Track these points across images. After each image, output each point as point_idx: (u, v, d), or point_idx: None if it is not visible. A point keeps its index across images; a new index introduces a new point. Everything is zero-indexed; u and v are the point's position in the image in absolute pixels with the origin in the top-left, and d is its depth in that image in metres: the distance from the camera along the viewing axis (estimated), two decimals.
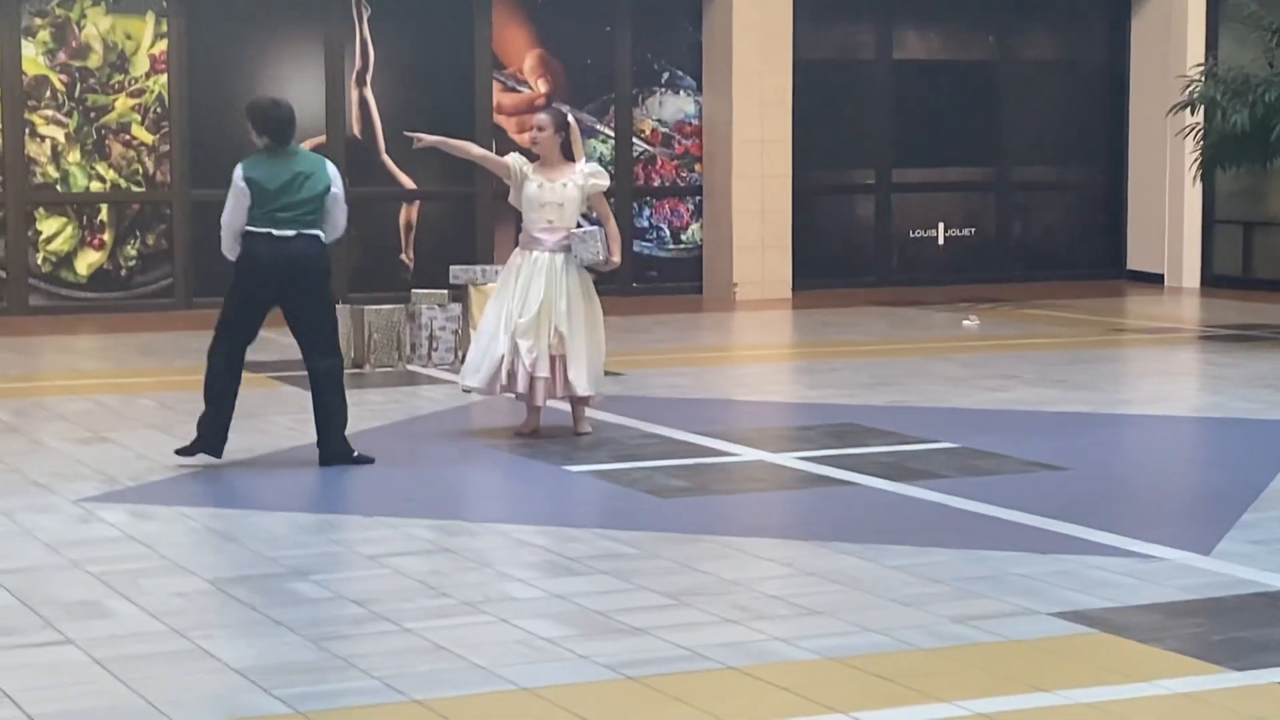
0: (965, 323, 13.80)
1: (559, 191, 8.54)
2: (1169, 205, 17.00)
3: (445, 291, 11.68)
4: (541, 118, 8.68)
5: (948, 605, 5.51)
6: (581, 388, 8.53)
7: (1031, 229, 17.74)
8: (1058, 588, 5.72)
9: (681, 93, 16.41)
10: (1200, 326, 13.84)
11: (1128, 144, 17.55)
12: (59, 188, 14.66)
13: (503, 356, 8.47)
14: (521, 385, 8.49)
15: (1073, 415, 9.42)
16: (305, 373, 10.86)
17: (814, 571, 5.97)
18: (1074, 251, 17.81)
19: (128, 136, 14.80)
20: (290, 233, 7.89)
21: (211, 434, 7.94)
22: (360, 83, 15.46)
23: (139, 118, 14.82)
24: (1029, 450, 8.22)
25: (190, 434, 8.75)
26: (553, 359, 8.50)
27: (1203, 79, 14.02)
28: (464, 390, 8.81)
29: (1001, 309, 14.97)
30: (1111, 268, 17.71)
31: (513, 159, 8.72)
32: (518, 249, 8.67)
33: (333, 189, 8.00)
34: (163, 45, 14.85)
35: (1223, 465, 8.22)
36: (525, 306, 8.47)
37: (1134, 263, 17.55)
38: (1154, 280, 17.15)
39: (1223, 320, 14.02)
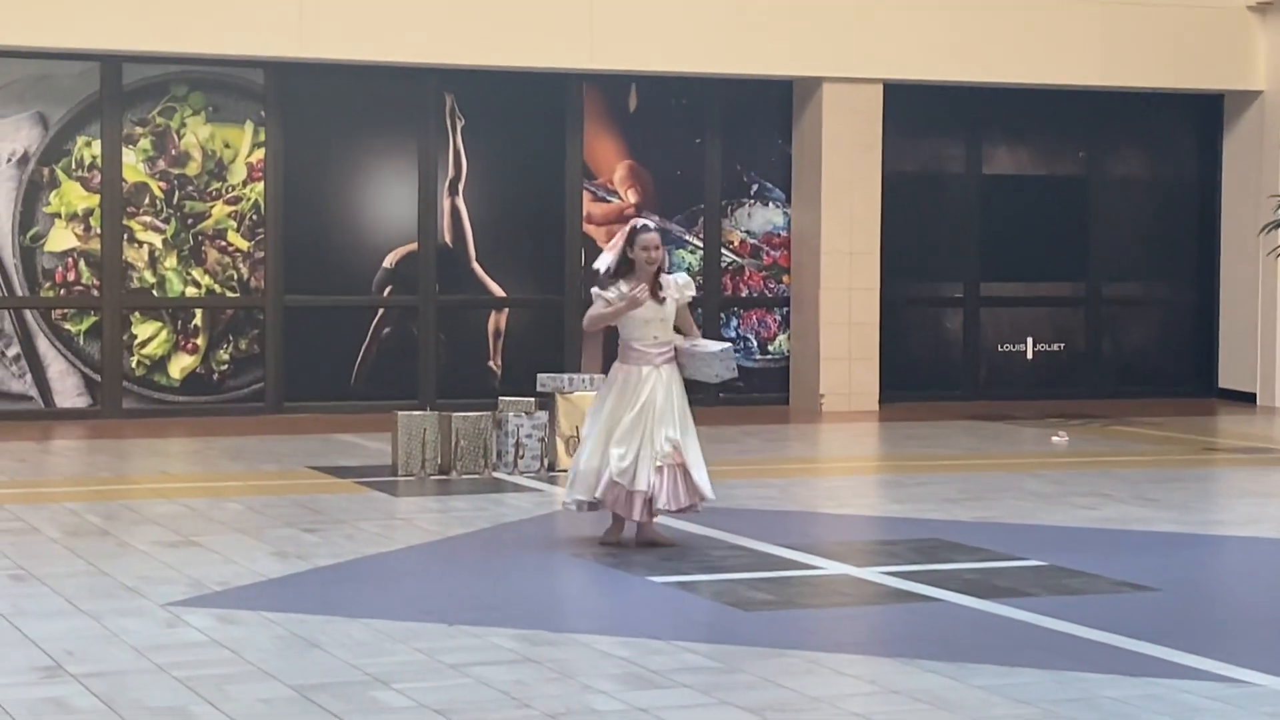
0: (1054, 439, 13.69)
1: (659, 309, 8.56)
2: (1261, 324, 16.85)
3: (532, 399, 11.72)
4: (656, 236, 8.60)
5: None
6: (707, 490, 8.54)
7: (1121, 345, 17.63)
8: (1148, 712, 5.63)
9: (770, 204, 16.48)
10: None
11: (1219, 261, 17.43)
12: (155, 292, 14.88)
13: (596, 469, 8.50)
14: (611, 499, 8.45)
15: (1164, 535, 9.30)
16: (394, 479, 10.97)
17: (899, 689, 5.91)
18: (1164, 369, 17.66)
19: (223, 243, 15.02)
20: None
21: None
22: (452, 191, 15.63)
23: (235, 224, 15.04)
24: (1119, 570, 8.12)
25: (278, 539, 8.81)
26: (672, 468, 8.47)
27: None
28: (563, 506, 8.79)
29: (1091, 425, 14.85)
30: (1203, 386, 17.55)
31: (612, 294, 8.56)
32: (619, 364, 8.60)
33: None
34: (260, 154, 15.09)
35: None
36: (625, 418, 8.46)
37: (1226, 381, 17.37)
38: (1246, 399, 16.97)
39: None
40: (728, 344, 8.81)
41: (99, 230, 14.71)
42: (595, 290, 8.67)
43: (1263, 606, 7.71)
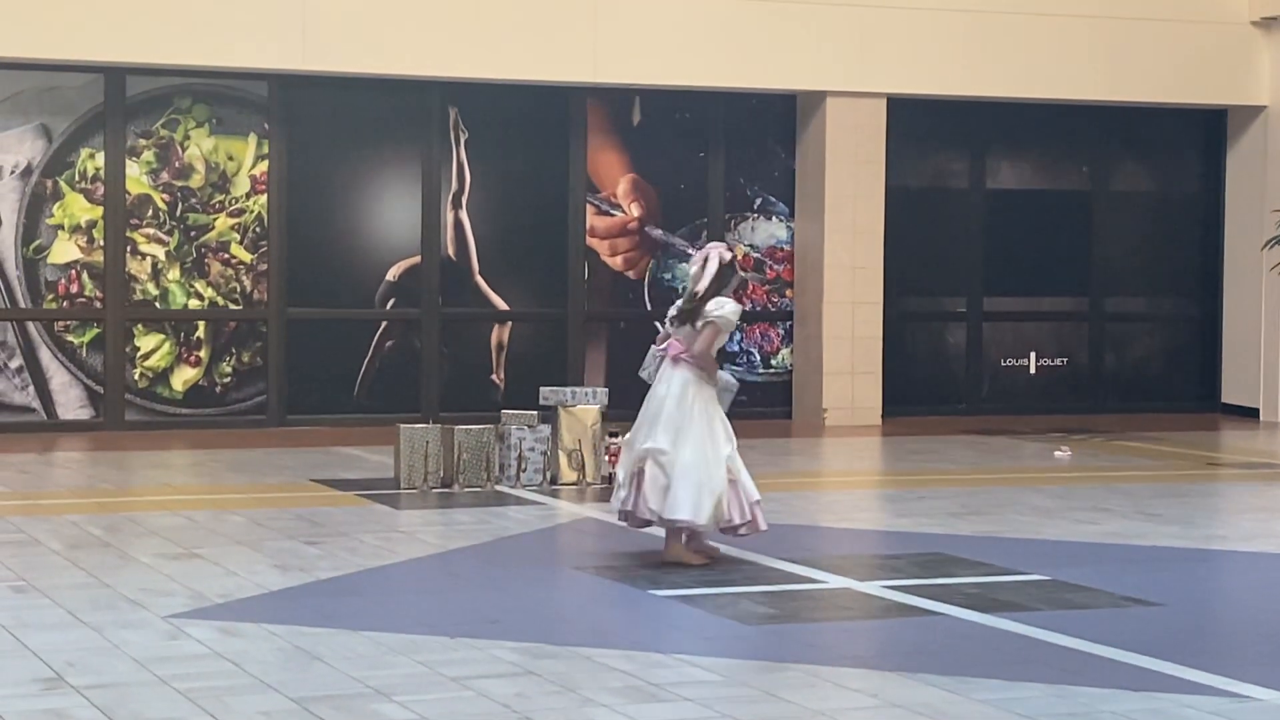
0: (1057, 454, 13.68)
1: None
2: (1264, 338, 16.85)
3: (535, 412, 11.71)
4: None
5: None
6: None
7: (1124, 360, 17.62)
8: None
9: (774, 218, 16.49)
10: None
11: (1222, 276, 17.44)
12: (158, 305, 14.89)
13: (722, 492, 8.42)
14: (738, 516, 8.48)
15: (1166, 550, 9.30)
16: (396, 492, 10.97)
17: (900, 703, 5.90)
18: (1167, 384, 17.65)
19: (226, 255, 15.03)
20: None
21: None
22: (456, 204, 15.64)
23: (238, 237, 15.05)
24: (1121, 584, 8.11)
25: (280, 551, 8.81)
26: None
27: None
28: (695, 527, 8.47)
29: (1094, 440, 14.84)
30: (1205, 401, 17.54)
31: (733, 316, 8.51)
32: (703, 380, 8.48)
33: None
34: (263, 166, 15.11)
35: None
36: (727, 437, 8.52)
37: (1228, 396, 17.37)
38: (1249, 414, 16.96)
39: None
40: (736, 383, 8.80)
41: (102, 242, 14.72)
42: (722, 313, 8.43)
43: (1265, 621, 7.69)
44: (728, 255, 8.52)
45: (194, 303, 14.97)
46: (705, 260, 8.51)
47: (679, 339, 8.49)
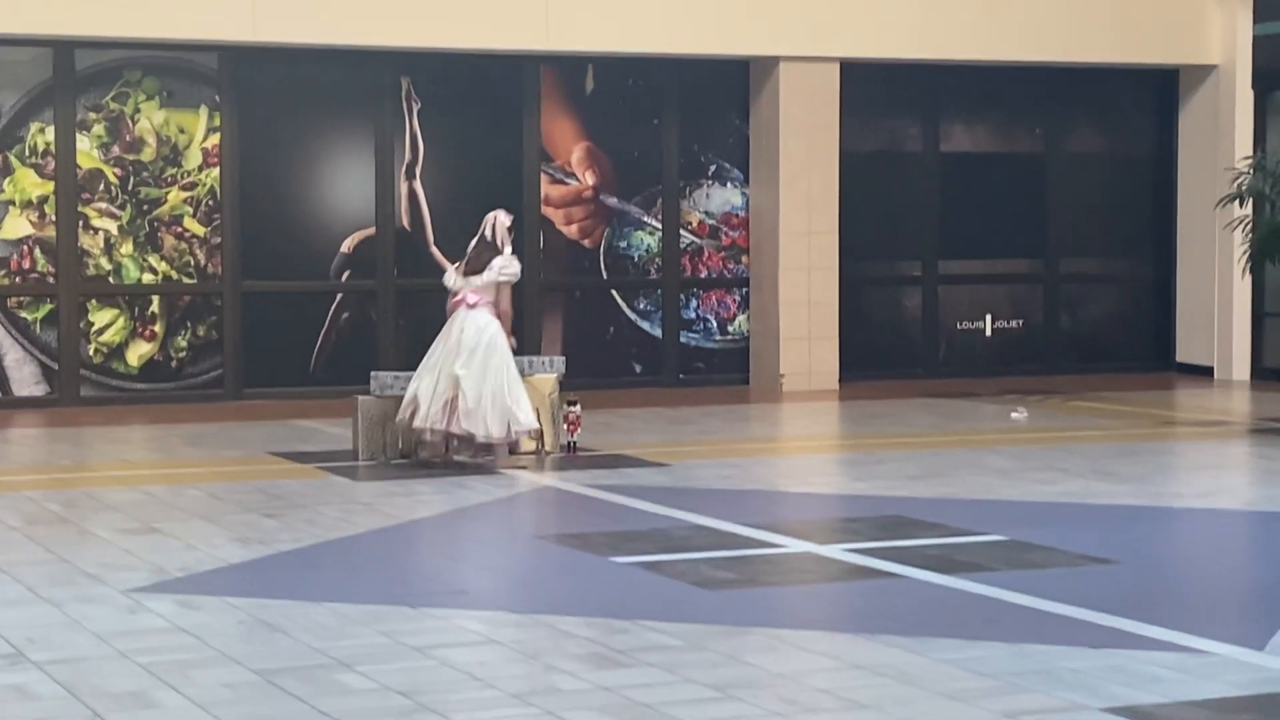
0: (1014, 415, 13.74)
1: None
2: (1218, 298, 16.94)
3: None
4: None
5: (997, 700, 5.48)
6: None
7: (1079, 321, 17.70)
8: (1108, 683, 5.67)
9: (728, 185, 16.49)
10: (1251, 420, 13.76)
11: (1176, 236, 17.52)
12: (111, 279, 14.80)
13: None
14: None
15: (1122, 508, 9.36)
16: (355, 464, 10.96)
17: (861, 665, 5.94)
18: (1122, 344, 17.74)
19: (179, 229, 14.95)
20: None
21: None
22: (410, 175, 15.58)
23: (191, 210, 14.97)
24: (1078, 543, 8.17)
25: (239, 525, 8.79)
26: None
27: (1251, 171, 14.02)
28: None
29: (1050, 401, 14.92)
30: (1160, 360, 17.64)
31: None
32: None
33: None
34: (215, 139, 15.02)
35: (1275, 559, 8.15)
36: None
37: (1183, 355, 17.47)
38: (1203, 373, 17.07)
39: (1273, 413, 13.93)
40: None
41: (54, 217, 14.62)
42: (514, 270, 11.20)
43: (1220, 577, 7.77)
44: (508, 220, 11.07)
45: (148, 277, 14.88)
46: (493, 224, 11.08)
47: (473, 290, 10.97)
